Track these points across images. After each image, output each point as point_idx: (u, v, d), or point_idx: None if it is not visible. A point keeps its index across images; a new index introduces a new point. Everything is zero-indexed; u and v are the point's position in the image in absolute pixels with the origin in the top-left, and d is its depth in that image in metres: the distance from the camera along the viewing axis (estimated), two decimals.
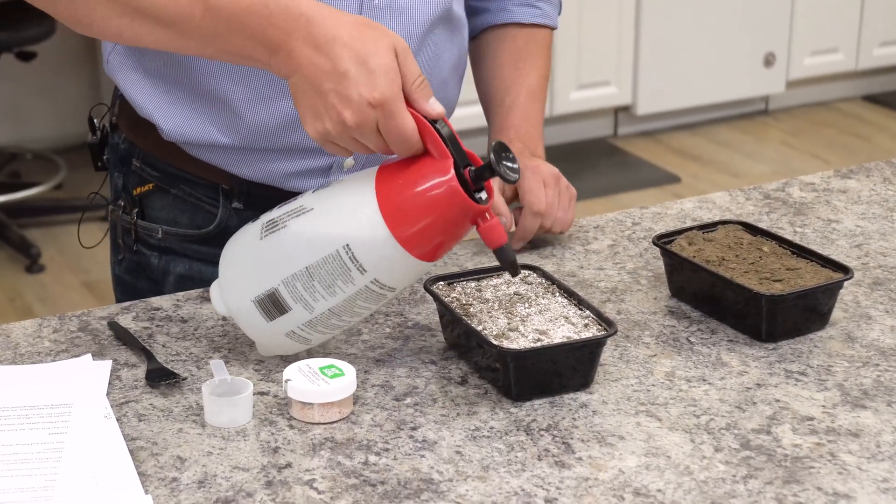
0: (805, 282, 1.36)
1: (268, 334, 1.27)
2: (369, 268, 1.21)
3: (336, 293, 1.22)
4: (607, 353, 1.32)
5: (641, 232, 1.63)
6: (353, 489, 1.11)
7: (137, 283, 1.58)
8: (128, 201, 1.56)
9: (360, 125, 1.18)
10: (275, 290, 1.23)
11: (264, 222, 1.26)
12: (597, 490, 1.11)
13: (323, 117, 1.19)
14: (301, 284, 1.22)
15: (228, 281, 1.28)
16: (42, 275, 3.82)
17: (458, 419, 1.21)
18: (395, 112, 1.17)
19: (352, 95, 1.17)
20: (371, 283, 1.22)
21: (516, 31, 1.64)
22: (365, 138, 1.19)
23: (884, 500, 1.10)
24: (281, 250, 1.23)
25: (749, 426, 1.21)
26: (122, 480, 1.11)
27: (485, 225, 1.20)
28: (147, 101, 1.47)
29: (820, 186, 1.78)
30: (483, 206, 1.20)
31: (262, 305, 1.25)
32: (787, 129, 5.00)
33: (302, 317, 1.24)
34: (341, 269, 1.21)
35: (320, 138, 1.21)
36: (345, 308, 1.24)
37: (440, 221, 1.19)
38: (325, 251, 1.21)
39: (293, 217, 1.23)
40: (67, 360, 1.31)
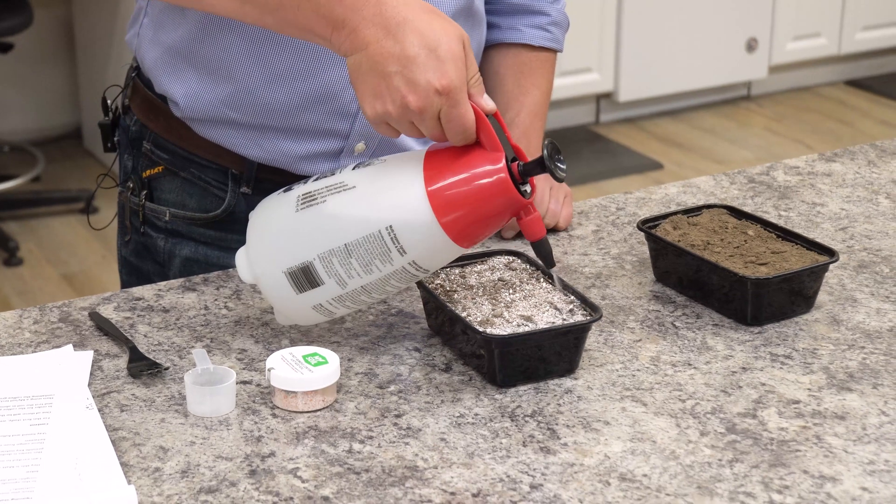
0: (790, 265, 1.36)
1: (294, 305, 1.27)
2: (410, 250, 1.22)
3: (372, 272, 1.23)
4: (592, 338, 1.32)
5: (626, 217, 1.63)
6: (338, 477, 1.10)
7: (143, 266, 1.59)
8: (137, 183, 1.57)
9: (423, 110, 1.18)
10: (309, 263, 1.24)
11: (300, 195, 1.26)
12: (582, 476, 1.10)
13: (385, 98, 1.19)
14: (338, 260, 1.23)
15: (258, 250, 1.28)
16: (20, 268, 3.79)
17: (443, 406, 1.21)
18: (460, 101, 1.18)
19: (419, 81, 1.17)
20: (409, 265, 1.23)
21: (522, 51, 1.64)
22: (423, 124, 1.19)
23: (870, 482, 1.09)
24: (318, 225, 1.24)
25: (735, 410, 1.20)
26: (104, 471, 1.10)
27: (527, 218, 1.23)
28: (163, 76, 1.49)
29: (804, 170, 1.78)
30: (527, 200, 1.22)
31: (293, 277, 1.25)
32: (770, 114, 5.00)
33: (333, 291, 1.25)
34: (381, 250, 1.22)
35: (377, 118, 1.21)
36: (377, 286, 1.25)
37: (485, 211, 1.21)
38: (367, 230, 1.22)
39: (333, 193, 1.24)
40: (48, 351, 1.30)
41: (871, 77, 5.34)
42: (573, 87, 4.65)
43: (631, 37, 4.72)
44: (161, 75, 1.50)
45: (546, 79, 1.65)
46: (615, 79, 4.77)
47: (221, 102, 1.47)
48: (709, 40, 4.86)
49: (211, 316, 1.37)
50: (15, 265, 3.80)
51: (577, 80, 4.65)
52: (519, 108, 1.61)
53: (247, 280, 1.29)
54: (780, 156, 4.51)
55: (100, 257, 3.82)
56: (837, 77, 5.32)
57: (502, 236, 1.56)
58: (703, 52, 4.87)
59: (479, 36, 1.56)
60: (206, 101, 1.47)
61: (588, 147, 4.67)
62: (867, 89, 5.25)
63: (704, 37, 4.85)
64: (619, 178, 4.38)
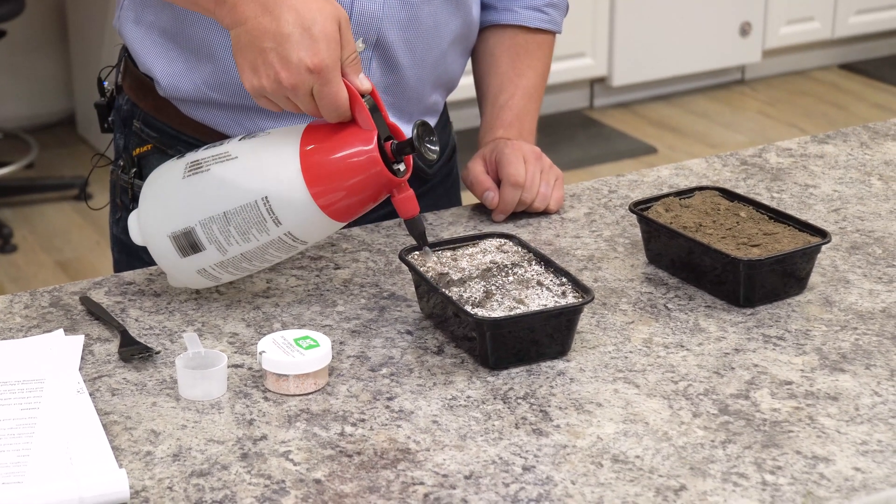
0: (783, 246, 1.35)
1: (179, 269, 1.32)
2: (284, 221, 1.26)
3: (250, 240, 1.28)
4: (584, 320, 1.31)
5: (618, 200, 1.62)
6: (330, 460, 1.10)
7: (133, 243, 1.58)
8: (127, 161, 1.59)
9: (295, 87, 1.23)
10: (191, 229, 1.29)
11: (189, 162, 1.31)
12: (575, 457, 1.10)
13: (260, 73, 1.24)
14: (217, 228, 1.28)
15: (147, 213, 1.33)
16: (14, 255, 3.78)
17: (435, 389, 1.20)
18: (331, 80, 1.22)
19: (291, 58, 1.21)
20: (284, 236, 1.28)
21: (518, 33, 1.63)
22: (298, 100, 1.24)
23: (862, 462, 1.09)
24: (201, 192, 1.29)
25: (727, 391, 1.20)
26: (95, 455, 1.09)
27: (399, 196, 1.28)
28: (147, 56, 1.50)
29: (797, 152, 1.78)
30: (399, 178, 1.27)
31: (177, 241, 1.30)
32: (763, 98, 5.00)
33: (214, 257, 1.30)
34: (257, 219, 1.26)
35: (255, 92, 1.26)
36: (256, 254, 1.30)
37: (358, 187, 1.26)
38: (244, 200, 1.26)
39: (217, 162, 1.29)
40: (39, 336, 1.30)
41: (865, 61, 5.34)
42: (567, 72, 4.63)
43: (625, 21, 4.71)
44: (144, 55, 1.51)
45: (542, 61, 1.64)
46: (609, 63, 4.76)
47: (203, 83, 1.48)
48: (702, 24, 4.85)
49: (202, 300, 1.37)
50: (9, 252, 3.79)
51: (571, 64, 4.64)
52: (513, 90, 1.61)
53: (137, 242, 1.34)
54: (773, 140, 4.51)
55: (94, 244, 3.81)
56: (831, 61, 5.31)
57: (493, 219, 1.55)
58: (697, 36, 4.86)
59: (466, 15, 1.55)
60: (188, 81, 1.48)
61: (582, 132, 4.66)
62: (861, 73, 5.24)
63: (698, 21, 4.84)
64: (613, 162, 4.38)
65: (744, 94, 5.03)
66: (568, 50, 4.57)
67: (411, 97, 1.53)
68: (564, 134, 4.59)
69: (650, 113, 4.83)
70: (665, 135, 4.64)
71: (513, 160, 1.52)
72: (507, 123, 1.59)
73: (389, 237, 1.52)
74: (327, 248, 1.48)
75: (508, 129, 1.58)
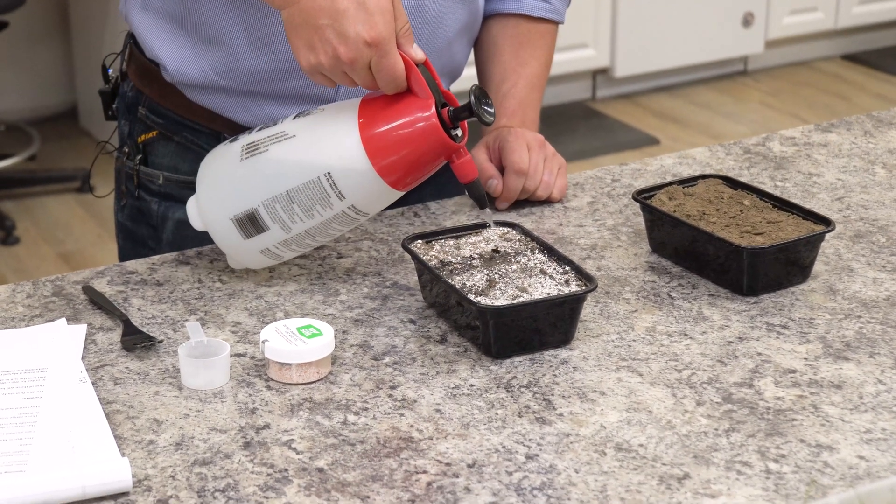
0: (786, 235, 1.35)
1: (242, 250, 1.34)
2: (348, 195, 1.27)
3: (314, 216, 1.29)
4: (588, 309, 1.31)
5: (621, 189, 1.62)
6: (333, 449, 1.10)
7: (138, 230, 1.60)
8: (132, 148, 1.59)
9: (353, 61, 1.23)
10: (254, 210, 1.30)
11: (244, 144, 1.32)
12: (578, 446, 1.10)
13: (317, 50, 1.24)
14: (280, 207, 1.29)
15: (206, 198, 1.34)
16: (17, 247, 3.78)
17: (438, 377, 1.20)
18: (389, 52, 1.23)
19: (349, 33, 1.22)
20: (348, 209, 1.29)
21: (522, 22, 1.63)
22: (356, 74, 1.25)
23: (867, 450, 1.09)
24: (261, 173, 1.30)
25: (731, 380, 1.20)
26: (98, 444, 1.09)
27: (459, 161, 1.29)
28: (154, 42, 1.50)
29: (800, 140, 1.77)
30: (458, 144, 1.28)
31: (240, 224, 1.31)
32: (766, 89, 4.99)
33: (278, 236, 1.31)
34: (321, 195, 1.28)
35: (311, 70, 1.26)
36: (320, 230, 1.31)
37: (418, 155, 1.27)
38: (307, 177, 1.28)
39: (274, 142, 1.29)
40: (42, 325, 1.30)
41: (868, 51, 5.33)
42: (569, 63, 4.63)
43: (627, 12, 4.70)
44: (151, 41, 1.51)
45: (545, 50, 1.64)
46: (611, 54, 4.75)
47: (210, 69, 1.48)
48: (705, 15, 4.84)
49: (205, 289, 1.37)
50: (11, 244, 3.79)
51: (573, 55, 4.63)
52: (516, 79, 1.60)
53: (198, 227, 1.36)
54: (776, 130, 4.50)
55: (95, 236, 3.81)
56: (834, 51, 5.30)
57: (496, 208, 1.55)
58: (700, 27, 4.85)
59: (472, 5, 1.55)
60: (195, 67, 1.48)
61: (584, 123, 4.65)
62: (863, 63, 5.23)
63: (701, 12, 4.83)
64: (616, 153, 4.37)
65: (746, 85, 5.03)
66: (570, 41, 4.56)
67: None
68: (566, 125, 4.59)
69: (653, 104, 4.82)
70: (667, 126, 4.63)
71: (516, 148, 1.52)
72: (510, 112, 1.58)
73: (392, 226, 1.51)
74: None
75: (511, 117, 1.58)
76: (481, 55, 1.65)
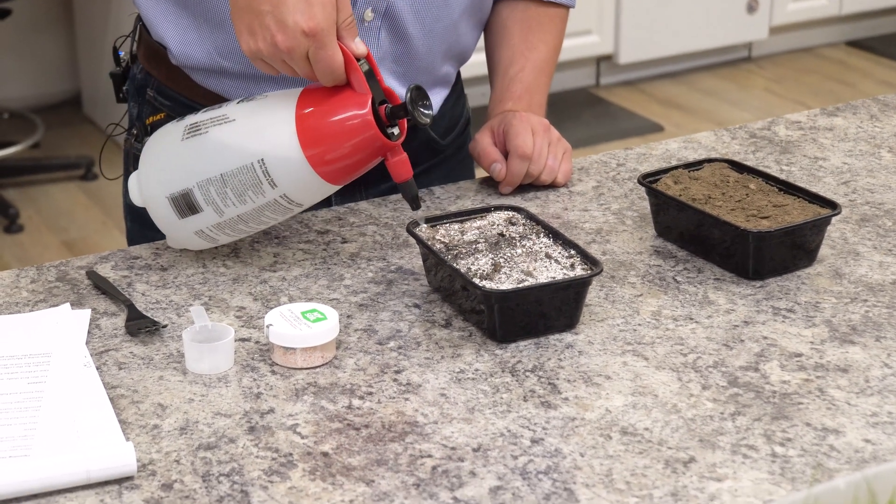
0: (792, 218, 1.34)
1: (178, 230, 1.35)
2: (280, 183, 1.28)
3: (246, 202, 1.30)
4: (593, 293, 1.31)
5: (626, 173, 1.62)
6: (337, 433, 1.09)
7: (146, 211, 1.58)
8: (140, 129, 1.59)
9: (290, 50, 1.24)
10: (189, 190, 1.31)
11: (188, 125, 1.33)
12: (583, 430, 1.10)
13: (257, 36, 1.25)
14: (214, 190, 1.30)
15: (146, 175, 1.36)
16: (20, 235, 3.78)
17: (443, 362, 1.20)
18: (327, 44, 1.24)
19: (287, 21, 1.23)
20: (280, 198, 1.30)
21: (531, 6, 1.62)
22: (294, 63, 1.26)
23: (873, 434, 1.09)
24: (199, 154, 1.31)
25: (737, 364, 1.19)
26: (102, 428, 1.09)
27: (393, 159, 1.30)
28: (159, 24, 1.50)
29: (806, 125, 1.77)
30: (393, 143, 1.29)
31: (175, 203, 1.33)
32: (770, 75, 4.98)
33: (211, 219, 1.32)
34: (253, 181, 1.29)
35: (251, 55, 1.27)
36: (252, 216, 1.32)
37: (352, 150, 1.27)
38: (241, 162, 1.29)
39: (215, 124, 1.31)
40: (46, 310, 1.29)
41: (872, 37, 5.31)
42: (573, 50, 4.62)
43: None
44: (157, 23, 1.51)
45: (554, 35, 1.63)
46: (615, 41, 4.74)
47: (214, 51, 1.48)
48: (709, 2, 4.83)
49: (209, 274, 1.37)
50: (15, 232, 3.79)
51: (577, 42, 4.62)
52: (524, 63, 1.59)
53: (137, 203, 1.37)
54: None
55: (99, 224, 3.81)
56: (838, 38, 5.29)
57: (500, 192, 1.55)
58: (704, 13, 4.84)
59: None
60: (200, 49, 1.48)
61: (588, 110, 4.64)
62: (868, 50, 5.22)
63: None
64: (620, 140, 4.36)
65: (750, 72, 5.01)
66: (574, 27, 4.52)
67: (421, 67, 1.52)
68: (570, 112, 4.58)
69: (656, 91, 4.81)
70: (671, 113, 4.62)
71: (521, 132, 1.51)
72: (516, 96, 1.57)
73: (397, 211, 1.51)
74: (334, 222, 1.48)
75: (518, 101, 1.57)
76: (490, 39, 1.64)
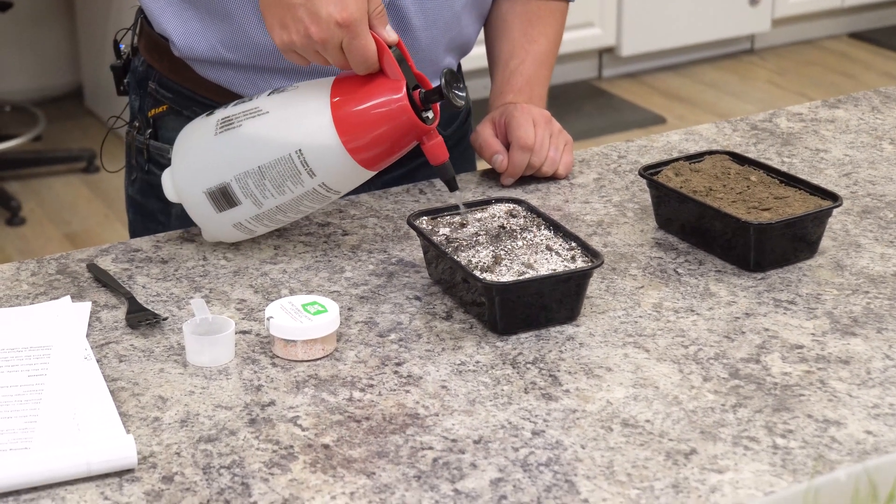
0: (793, 210, 1.34)
1: (215, 223, 1.36)
2: (318, 172, 1.29)
3: (285, 192, 1.31)
4: (594, 285, 1.31)
5: (627, 165, 1.61)
6: (338, 425, 1.09)
7: (148, 203, 1.60)
8: (143, 122, 1.59)
9: (324, 41, 1.25)
10: (227, 184, 1.32)
11: (219, 119, 1.33)
12: (584, 422, 1.09)
13: (290, 29, 1.26)
14: (252, 182, 1.31)
15: (181, 171, 1.36)
16: (23, 227, 3.78)
17: (444, 354, 1.20)
18: (360, 33, 1.25)
19: (321, 13, 1.23)
20: (318, 187, 1.31)
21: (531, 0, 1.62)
22: (327, 54, 1.27)
23: (874, 425, 1.09)
24: (235, 148, 1.32)
25: (738, 355, 1.19)
26: (103, 421, 1.09)
27: (429, 143, 1.31)
28: (162, 16, 1.50)
29: (807, 116, 1.76)
30: (429, 126, 1.30)
31: (212, 197, 1.33)
32: (773, 67, 4.97)
33: (250, 211, 1.33)
34: (292, 172, 1.30)
35: (284, 47, 1.28)
36: (291, 206, 1.33)
37: (388, 135, 1.29)
38: (278, 153, 1.29)
39: (248, 118, 1.31)
40: (46, 303, 1.29)
41: (875, 29, 5.30)
42: (575, 42, 4.61)
43: None
44: (159, 15, 1.50)
45: (554, 28, 1.63)
46: (617, 33, 4.73)
47: (218, 42, 1.47)
48: None
49: (210, 266, 1.36)
50: (17, 225, 3.79)
51: (580, 34, 4.61)
52: (524, 55, 1.59)
53: (172, 199, 1.37)
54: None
55: (102, 216, 3.81)
56: (841, 30, 5.28)
57: (501, 183, 1.54)
58: (706, 5, 4.83)
59: None
60: (203, 41, 1.48)
61: (590, 102, 4.64)
62: (870, 42, 5.21)
63: None
64: (622, 132, 4.36)
65: (753, 64, 5.01)
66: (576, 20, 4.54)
67: (424, 58, 1.52)
68: (573, 104, 4.58)
69: (659, 83, 4.81)
70: (674, 105, 4.62)
71: (522, 123, 1.51)
72: (517, 89, 1.57)
73: (397, 203, 1.51)
74: (335, 215, 1.48)
75: (518, 94, 1.57)
76: (491, 32, 1.64)
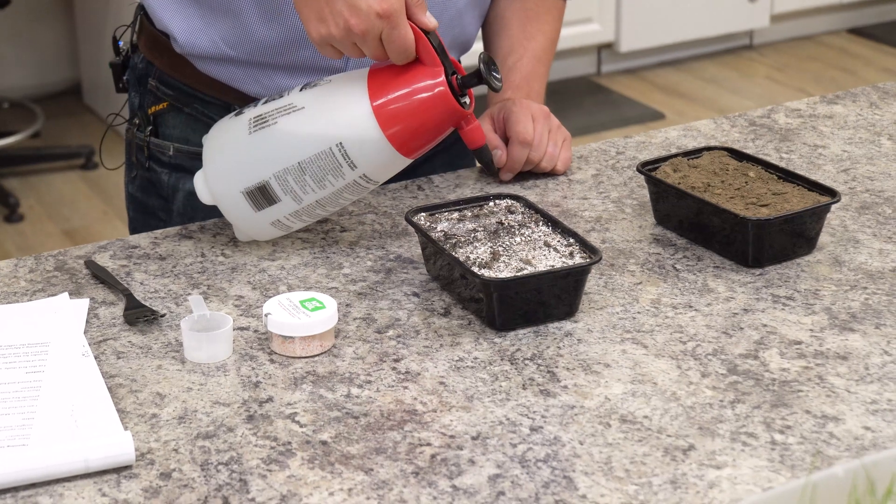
0: (792, 206, 1.34)
1: (252, 222, 1.35)
2: (360, 164, 1.29)
3: (325, 186, 1.31)
4: (592, 281, 1.31)
5: (625, 161, 1.61)
6: (336, 422, 1.09)
7: (149, 201, 1.60)
8: (143, 119, 1.59)
9: (364, 33, 1.24)
10: (266, 182, 1.32)
11: (252, 117, 1.33)
12: (583, 418, 1.09)
13: (328, 22, 1.25)
14: (292, 178, 1.31)
15: (215, 172, 1.36)
16: (21, 224, 3.78)
17: (442, 350, 1.20)
18: (400, 23, 1.25)
19: (361, 5, 1.23)
20: (359, 178, 1.31)
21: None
22: (366, 46, 1.26)
23: (872, 421, 1.09)
24: (271, 145, 1.31)
25: (736, 351, 1.19)
26: (100, 418, 1.09)
27: (468, 127, 1.32)
28: (164, 12, 1.50)
29: (806, 112, 1.76)
30: (467, 111, 1.30)
31: (251, 196, 1.33)
32: (772, 63, 4.97)
33: (290, 207, 1.33)
34: (333, 165, 1.29)
35: (321, 41, 1.27)
36: (330, 200, 1.33)
37: (428, 122, 1.29)
38: (318, 148, 1.29)
39: (283, 114, 1.31)
40: (44, 300, 1.29)
41: (874, 25, 5.30)
42: (574, 38, 4.61)
43: None
44: (161, 12, 1.50)
45: (552, 25, 1.63)
46: (616, 29, 4.73)
47: (220, 39, 1.47)
48: None
49: (207, 263, 1.36)
50: (16, 221, 3.79)
51: (578, 30, 4.61)
52: (522, 52, 1.60)
53: (206, 201, 1.37)
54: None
55: (100, 213, 3.81)
56: (840, 25, 5.28)
57: (500, 179, 1.54)
58: (705, 1, 4.83)
59: None
60: (205, 37, 1.48)
61: (589, 98, 4.64)
62: (870, 37, 5.21)
63: None
64: (621, 128, 4.36)
65: (752, 60, 5.00)
66: (575, 15, 4.54)
67: None
68: (571, 100, 4.57)
69: (658, 79, 4.81)
70: (673, 101, 4.61)
71: (521, 118, 1.51)
72: (515, 85, 1.57)
73: (395, 199, 1.51)
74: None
75: (517, 90, 1.57)
76: (488, 30, 1.64)
